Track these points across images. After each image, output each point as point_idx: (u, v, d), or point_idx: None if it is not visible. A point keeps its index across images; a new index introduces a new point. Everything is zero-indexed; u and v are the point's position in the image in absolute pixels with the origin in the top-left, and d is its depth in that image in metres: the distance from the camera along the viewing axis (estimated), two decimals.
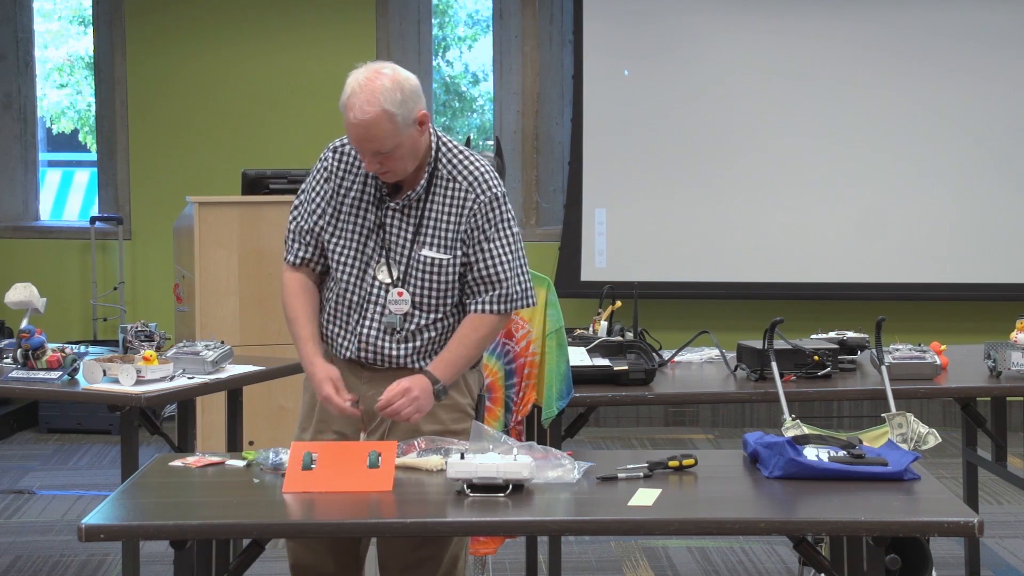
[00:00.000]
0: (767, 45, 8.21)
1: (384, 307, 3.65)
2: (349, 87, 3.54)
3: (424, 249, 3.63)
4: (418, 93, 3.60)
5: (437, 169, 3.64)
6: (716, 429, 8.40)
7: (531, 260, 3.83)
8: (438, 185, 3.64)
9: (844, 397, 5.25)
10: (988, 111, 8.20)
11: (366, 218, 3.66)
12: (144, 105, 8.53)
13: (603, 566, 5.60)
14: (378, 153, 3.53)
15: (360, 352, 3.68)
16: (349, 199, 3.68)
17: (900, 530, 3.16)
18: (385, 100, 3.50)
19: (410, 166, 3.60)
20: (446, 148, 3.67)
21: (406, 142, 3.54)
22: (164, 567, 5.33)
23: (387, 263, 3.64)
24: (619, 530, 3.72)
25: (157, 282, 8.41)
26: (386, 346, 3.66)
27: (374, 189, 3.66)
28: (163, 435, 4.85)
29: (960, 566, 5.36)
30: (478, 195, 3.63)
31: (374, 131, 3.50)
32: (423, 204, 3.64)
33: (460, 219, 3.62)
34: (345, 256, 3.67)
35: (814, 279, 8.26)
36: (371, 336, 3.66)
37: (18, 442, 7.94)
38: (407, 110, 3.53)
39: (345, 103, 3.53)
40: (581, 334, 4.75)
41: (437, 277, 3.64)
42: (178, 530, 3.06)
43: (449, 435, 3.62)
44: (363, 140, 3.53)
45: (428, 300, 3.65)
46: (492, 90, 8.98)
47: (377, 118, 3.49)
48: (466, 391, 3.75)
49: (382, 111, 3.49)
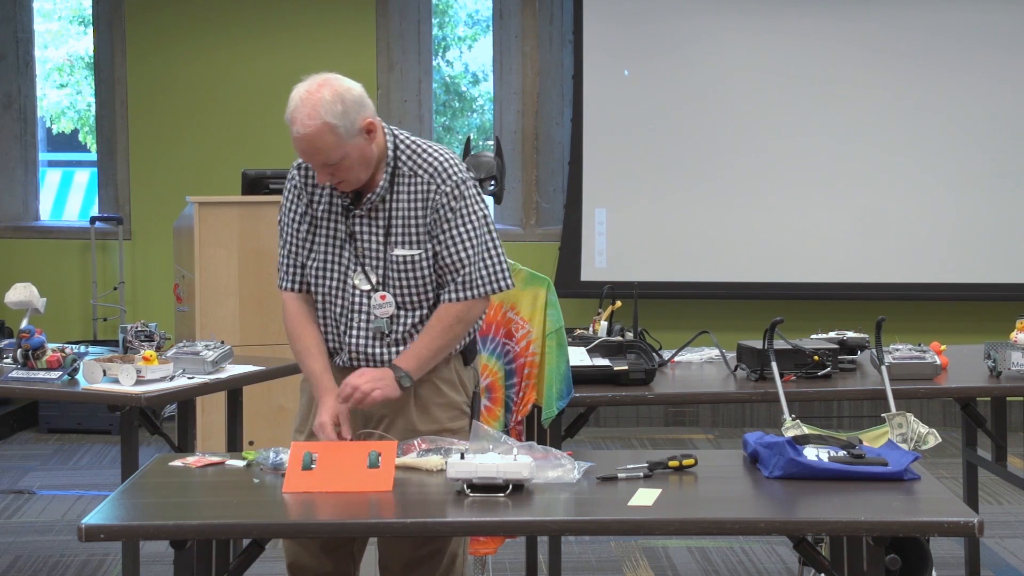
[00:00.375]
0: (767, 45, 8.21)
1: (369, 314, 3.66)
2: (291, 101, 3.55)
3: (396, 249, 3.63)
4: (361, 103, 3.57)
5: (397, 167, 3.64)
6: (716, 429, 8.40)
7: (531, 260, 3.84)
8: (400, 183, 3.64)
9: (844, 397, 5.25)
10: (988, 111, 8.20)
11: (337, 229, 3.67)
12: (144, 105, 8.53)
13: (603, 566, 5.60)
14: (326, 165, 3.53)
15: (352, 361, 3.69)
16: (320, 213, 3.69)
17: (900, 530, 3.16)
18: (326, 113, 3.50)
19: (363, 175, 3.59)
20: (404, 145, 3.66)
21: (352, 152, 3.53)
22: (164, 567, 5.33)
23: (363, 270, 3.65)
24: (619, 530, 3.72)
25: (157, 282, 8.41)
26: (377, 352, 3.67)
27: (339, 199, 3.67)
28: (163, 435, 4.85)
29: (960, 566, 5.35)
30: (439, 185, 3.62)
31: (317, 144, 3.50)
32: (389, 204, 3.64)
33: (426, 212, 3.62)
34: (323, 270, 3.69)
35: (814, 279, 8.26)
36: (360, 344, 3.67)
37: (18, 442, 7.94)
38: (349, 121, 3.52)
39: (288, 117, 3.54)
40: (581, 334, 4.75)
41: (414, 274, 3.64)
42: (178, 530, 3.06)
43: (447, 433, 3.63)
44: (308, 153, 3.54)
45: (411, 299, 3.66)
46: (492, 90, 8.98)
47: (319, 131, 3.49)
48: (461, 389, 3.75)
49: (323, 124, 3.49)
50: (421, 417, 3.67)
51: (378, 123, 3.60)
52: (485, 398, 4.31)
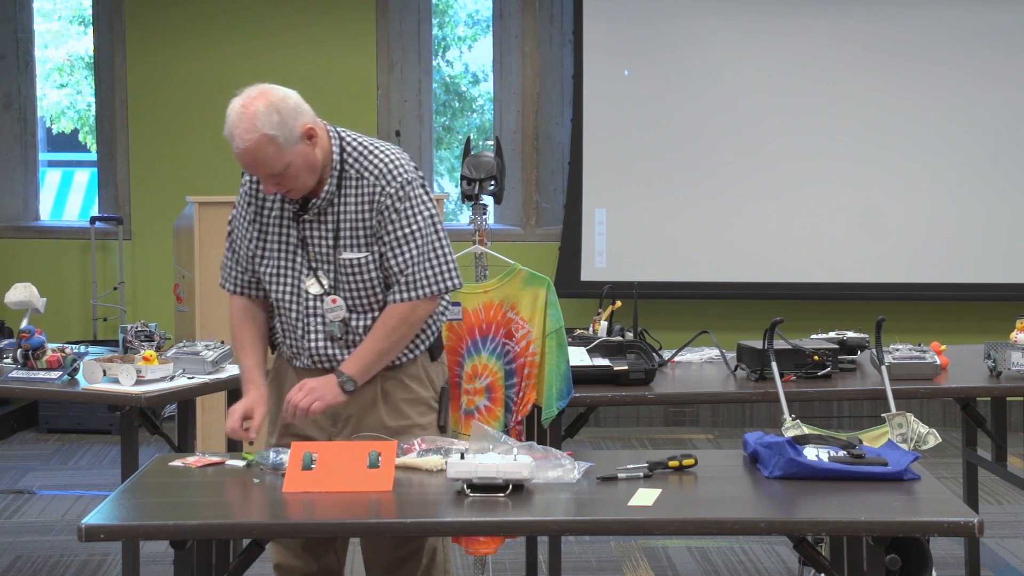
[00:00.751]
0: (767, 45, 8.21)
1: (323, 318, 3.67)
2: (228, 117, 3.55)
3: (345, 252, 3.64)
4: (298, 110, 3.56)
5: (344, 171, 3.63)
6: (716, 429, 8.40)
7: (531, 260, 3.84)
8: (348, 186, 3.64)
9: (844, 397, 5.25)
10: (988, 111, 8.20)
11: (289, 235, 3.68)
12: (144, 105, 8.52)
13: (603, 566, 5.60)
14: (271, 176, 3.54)
15: (314, 363, 3.72)
16: (271, 219, 3.70)
17: (900, 530, 3.16)
18: (263, 124, 3.50)
19: (310, 180, 3.59)
20: (351, 147, 3.66)
21: (296, 160, 3.53)
22: (164, 567, 5.33)
23: (315, 275, 3.66)
24: (619, 530, 3.72)
25: (157, 282, 8.41)
26: (336, 354, 3.69)
27: (289, 205, 3.68)
28: (163, 435, 4.85)
29: (960, 566, 5.35)
30: (384, 187, 3.61)
31: (259, 156, 3.51)
32: (337, 208, 3.64)
33: (372, 214, 3.63)
34: (277, 276, 3.70)
35: (814, 279, 8.26)
36: (319, 348, 3.69)
37: (18, 442, 7.93)
38: (288, 129, 3.52)
39: (227, 134, 3.55)
40: (581, 334, 4.75)
41: (362, 277, 3.65)
42: (178, 530, 3.06)
43: (416, 429, 3.68)
44: (252, 167, 3.55)
45: (362, 301, 3.67)
46: (492, 90, 8.98)
47: (258, 143, 3.50)
48: (428, 384, 3.77)
49: (262, 136, 3.50)
50: (389, 413, 3.69)
51: (319, 127, 3.60)
52: (485, 398, 4.31)
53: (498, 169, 4.77)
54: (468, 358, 4.32)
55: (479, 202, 4.78)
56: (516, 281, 4.31)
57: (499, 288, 4.32)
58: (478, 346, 4.32)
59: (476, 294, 4.34)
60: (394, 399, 3.71)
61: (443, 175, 10.39)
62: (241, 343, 3.77)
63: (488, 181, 4.78)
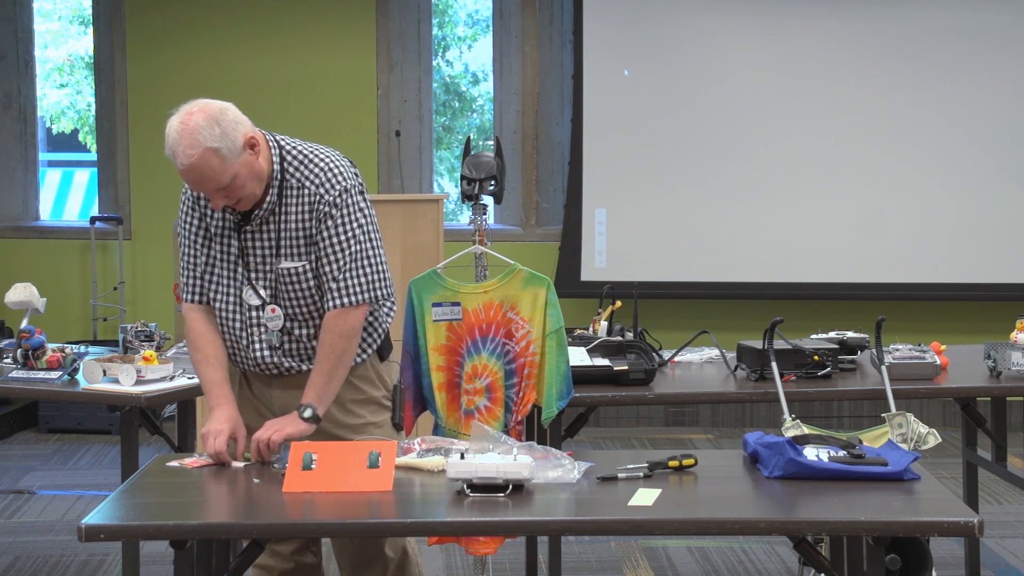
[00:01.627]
0: (767, 45, 8.21)
1: (264, 327, 3.68)
2: (168, 136, 3.53)
3: (283, 261, 3.63)
4: (237, 120, 3.56)
5: (285, 180, 3.62)
6: (716, 429, 8.40)
7: (531, 260, 3.84)
8: (289, 195, 3.63)
9: (844, 397, 5.26)
10: (988, 111, 8.20)
11: (231, 246, 3.68)
12: (144, 105, 8.52)
13: (603, 566, 5.60)
14: (219, 189, 3.52)
15: (261, 371, 3.73)
16: (214, 231, 3.70)
17: (900, 530, 3.16)
18: (204, 138, 3.49)
19: (257, 190, 3.58)
20: (291, 156, 3.64)
21: (242, 170, 3.52)
22: (164, 567, 5.33)
23: (251, 286, 3.66)
24: (619, 530, 3.72)
25: (157, 282, 8.41)
26: (280, 362, 3.70)
27: (231, 216, 3.67)
28: (163, 435, 4.85)
29: (960, 566, 5.35)
30: (323, 195, 3.61)
31: (205, 171, 3.50)
32: (279, 218, 3.63)
33: (312, 223, 3.62)
34: (220, 287, 3.70)
35: (814, 279, 8.26)
36: (262, 356, 3.70)
37: (18, 442, 7.93)
38: (230, 140, 3.50)
39: (169, 152, 3.54)
40: (581, 334, 4.75)
41: (300, 286, 3.65)
42: (178, 530, 3.06)
43: (371, 427, 3.73)
44: (199, 183, 3.54)
45: (300, 311, 3.67)
46: (492, 90, 8.98)
47: (203, 157, 3.48)
48: (379, 383, 3.80)
49: (205, 150, 3.48)
50: (343, 412, 3.72)
51: (260, 136, 3.59)
52: (485, 398, 4.31)
53: (498, 169, 4.77)
54: (468, 358, 4.32)
55: (479, 202, 4.77)
56: (516, 281, 4.31)
57: (499, 288, 4.32)
58: (478, 346, 4.31)
59: (476, 294, 4.34)
60: (344, 400, 3.73)
61: (443, 175, 10.39)
62: (204, 356, 3.70)
63: (488, 181, 4.78)
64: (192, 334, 3.73)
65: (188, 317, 3.74)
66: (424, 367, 4.28)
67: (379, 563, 3.77)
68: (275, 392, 3.75)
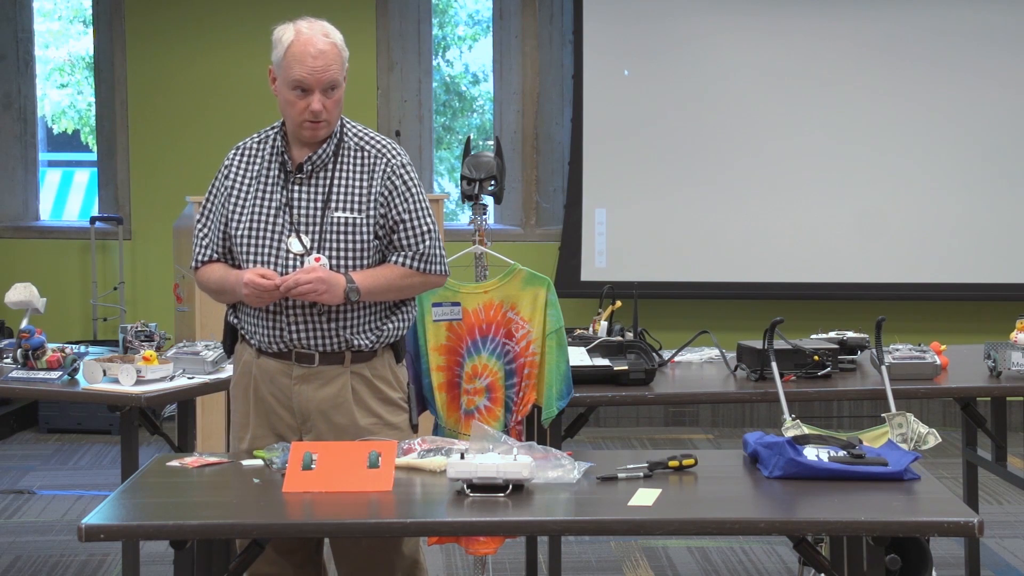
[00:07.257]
0: (767, 45, 8.21)
1: None
2: (291, 31, 3.73)
3: (336, 212, 3.66)
4: None
5: (343, 140, 3.73)
6: (716, 429, 8.40)
7: (531, 260, 3.85)
8: (345, 155, 3.72)
9: (844, 397, 5.25)
10: (988, 111, 8.20)
11: (273, 197, 3.70)
12: (144, 105, 8.52)
13: (603, 566, 5.60)
14: (329, 89, 3.64)
15: (284, 340, 3.67)
16: (254, 185, 3.72)
17: (900, 530, 3.16)
18: (336, 37, 3.70)
19: (336, 120, 3.69)
20: (351, 125, 3.78)
21: (343, 86, 3.69)
22: (164, 567, 5.33)
23: (297, 234, 3.66)
24: (619, 530, 3.72)
25: (157, 282, 8.41)
26: (308, 339, 3.66)
27: (279, 168, 3.71)
28: (163, 435, 4.85)
29: (960, 566, 5.35)
30: (389, 160, 3.72)
31: (331, 62, 3.65)
32: (331, 173, 3.69)
33: (372, 182, 3.68)
34: (253, 237, 3.68)
35: (814, 279, 8.26)
36: (293, 320, 3.65)
37: (18, 442, 7.94)
38: (345, 57, 3.71)
39: (296, 40, 3.68)
40: (581, 334, 4.75)
41: (352, 238, 3.66)
42: (178, 530, 3.06)
43: (388, 427, 3.69)
44: (321, 71, 3.63)
45: (346, 263, 3.66)
46: (492, 90, 8.98)
47: (333, 48, 3.67)
48: (396, 386, 3.79)
49: (335, 44, 3.68)
50: (361, 411, 3.70)
51: None
52: (485, 398, 4.31)
53: (498, 169, 4.77)
54: (468, 358, 4.32)
55: (479, 202, 4.77)
56: (516, 281, 4.31)
57: (499, 288, 4.33)
58: (478, 346, 4.32)
59: (476, 294, 4.34)
60: (364, 398, 3.71)
61: (443, 175, 10.39)
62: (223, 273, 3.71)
63: (488, 181, 4.78)
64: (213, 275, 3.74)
65: (204, 272, 3.76)
66: (424, 367, 4.28)
67: (385, 568, 3.68)
68: (295, 387, 3.68)
